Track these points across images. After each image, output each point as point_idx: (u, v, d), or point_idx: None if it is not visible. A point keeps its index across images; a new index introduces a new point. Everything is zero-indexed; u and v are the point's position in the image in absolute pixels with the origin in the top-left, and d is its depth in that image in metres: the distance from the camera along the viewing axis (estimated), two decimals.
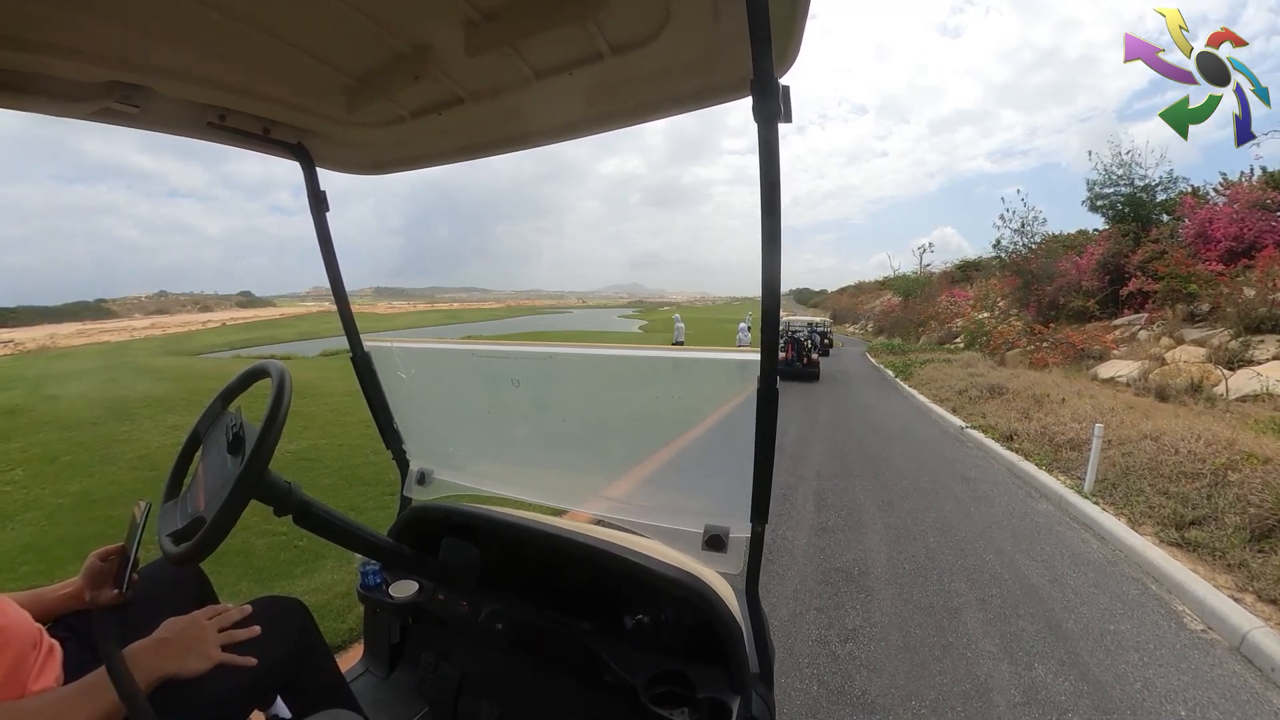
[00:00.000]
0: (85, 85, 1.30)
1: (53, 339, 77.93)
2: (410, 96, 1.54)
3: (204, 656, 1.29)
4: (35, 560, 4.56)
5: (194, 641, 1.29)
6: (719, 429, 1.41)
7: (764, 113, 1.03)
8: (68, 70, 1.24)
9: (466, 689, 1.96)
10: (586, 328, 70.90)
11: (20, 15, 1.07)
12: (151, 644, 1.25)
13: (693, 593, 1.55)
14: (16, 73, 1.20)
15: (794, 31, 1.13)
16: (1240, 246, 15.35)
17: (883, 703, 2.92)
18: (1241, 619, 3.59)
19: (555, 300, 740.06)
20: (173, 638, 1.27)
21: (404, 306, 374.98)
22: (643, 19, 1.20)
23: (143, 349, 45.32)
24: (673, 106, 1.50)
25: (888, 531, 5.31)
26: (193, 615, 1.33)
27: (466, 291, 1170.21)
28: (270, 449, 1.24)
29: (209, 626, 1.33)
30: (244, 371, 1.55)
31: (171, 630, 1.28)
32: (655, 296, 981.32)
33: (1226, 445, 6.40)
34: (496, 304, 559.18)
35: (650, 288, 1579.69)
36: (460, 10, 1.18)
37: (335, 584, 3.91)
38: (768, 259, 1.11)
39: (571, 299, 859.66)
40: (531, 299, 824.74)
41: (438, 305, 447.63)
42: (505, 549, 1.94)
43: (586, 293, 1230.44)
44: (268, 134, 1.70)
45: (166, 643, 1.26)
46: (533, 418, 2.05)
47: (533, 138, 1.75)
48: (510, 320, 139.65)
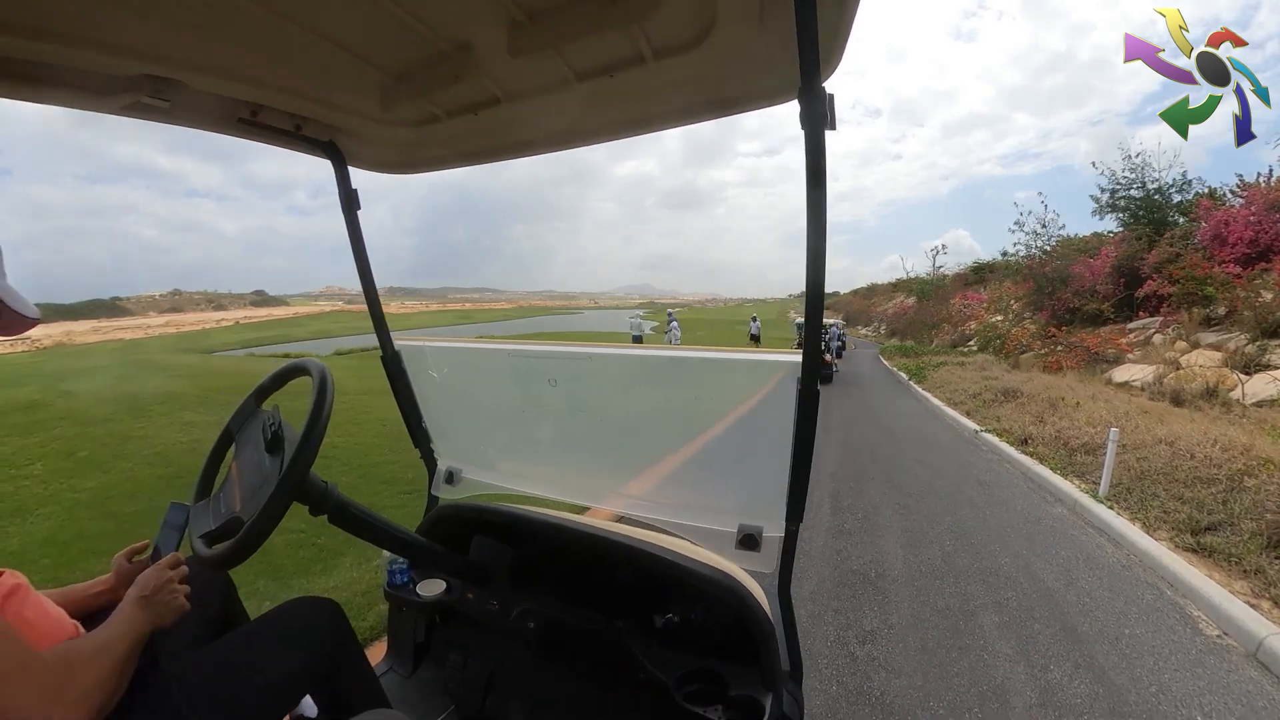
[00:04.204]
0: (116, 79, 1.29)
1: (69, 336, 78.49)
2: (447, 96, 1.54)
3: (176, 608, 1.33)
4: (55, 554, 4.63)
5: (168, 594, 1.32)
6: (753, 429, 1.41)
7: (811, 120, 1.03)
8: (98, 63, 1.23)
9: (495, 687, 1.95)
10: (597, 328, 70.84)
11: (51, 7, 1.07)
12: (136, 602, 1.27)
13: (727, 591, 1.54)
14: (47, 65, 1.20)
15: (839, 38, 1.12)
16: (1257, 249, 15.16)
17: (901, 703, 2.93)
18: (1258, 625, 3.57)
19: (566, 301, 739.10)
20: (151, 595, 1.29)
21: (416, 306, 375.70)
22: (689, 24, 1.19)
23: (157, 346, 45.51)
24: (712, 111, 1.49)
25: (903, 534, 5.30)
26: (158, 568, 1.34)
27: (478, 292, 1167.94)
28: (314, 449, 1.25)
29: (174, 577, 1.34)
30: (279, 369, 1.55)
31: (146, 587, 1.29)
32: (667, 297, 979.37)
33: (1243, 450, 6.36)
34: (508, 304, 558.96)
35: (662, 289, 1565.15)
36: (506, 10, 1.18)
37: (354, 582, 3.93)
38: (813, 266, 1.11)
39: (583, 300, 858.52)
40: (543, 299, 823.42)
41: (449, 305, 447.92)
42: (536, 547, 1.94)
43: (598, 293, 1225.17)
44: (299, 131, 1.69)
45: (145, 600, 1.28)
46: (567, 417, 2.05)
47: (568, 139, 1.74)
48: (520, 321, 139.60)
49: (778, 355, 1.36)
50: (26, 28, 1.08)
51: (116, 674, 1.16)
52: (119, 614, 1.25)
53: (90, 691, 1.10)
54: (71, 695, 1.06)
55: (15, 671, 1.00)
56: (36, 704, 1.01)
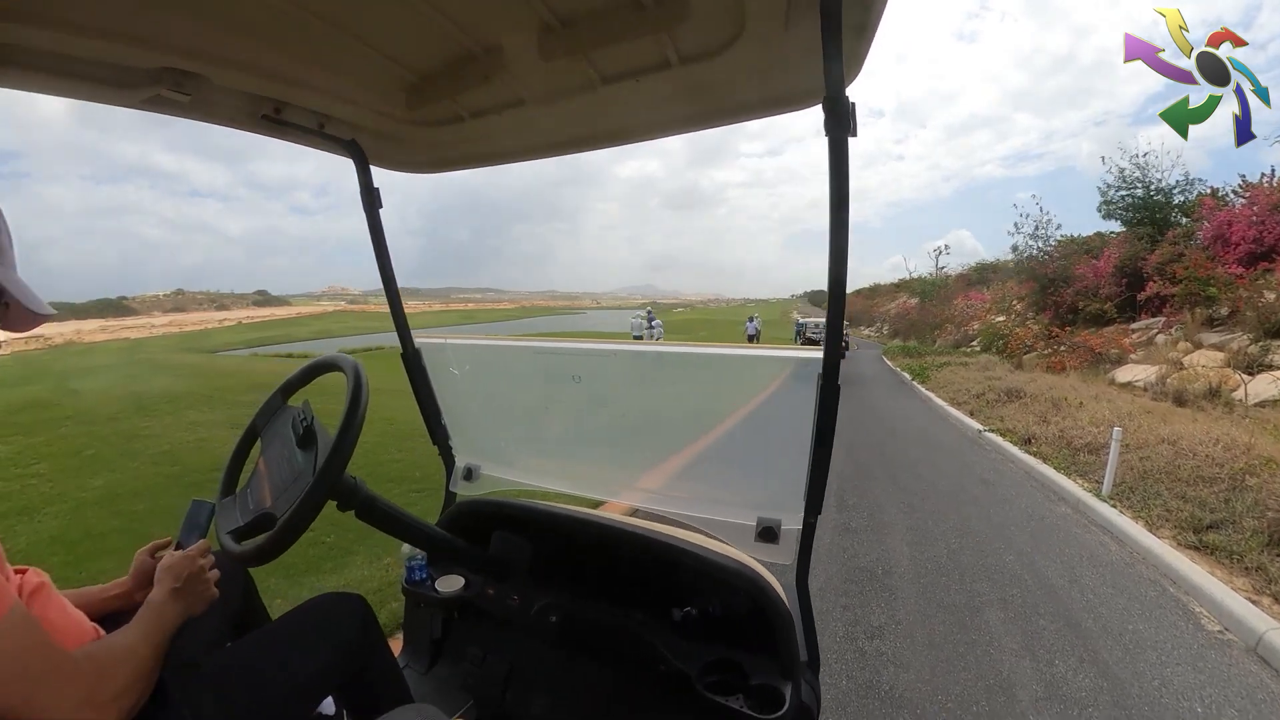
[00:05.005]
0: (137, 71, 1.26)
1: (79, 334, 78.51)
2: (472, 96, 1.53)
3: (208, 597, 1.32)
4: (64, 552, 4.64)
5: (199, 584, 1.30)
6: (771, 424, 1.44)
7: (835, 128, 1.04)
8: (120, 55, 1.21)
9: (515, 682, 1.94)
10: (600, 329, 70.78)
11: None
12: (168, 594, 1.25)
13: (748, 582, 1.55)
14: (67, 57, 1.18)
15: (864, 45, 1.13)
16: (1260, 249, 15.18)
17: (910, 697, 2.96)
18: (1259, 621, 3.60)
19: (569, 301, 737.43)
20: (183, 586, 1.27)
21: (420, 306, 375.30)
22: (717, 31, 1.20)
23: (160, 346, 45.47)
24: (734, 116, 1.50)
25: (909, 532, 5.33)
26: (188, 555, 1.32)
27: (481, 292, 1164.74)
28: (352, 445, 1.25)
29: (205, 566, 1.33)
30: (308, 365, 1.56)
31: (179, 577, 1.27)
32: (670, 297, 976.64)
33: (1245, 450, 6.38)
34: (511, 304, 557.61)
35: (665, 289, 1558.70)
36: (537, 14, 1.18)
37: (366, 579, 3.95)
38: (835, 268, 1.13)
39: (586, 300, 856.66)
40: (546, 299, 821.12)
41: (452, 305, 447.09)
42: (556, 542, 1.94)
43: (601, 294, 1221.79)
44: (322, 129, 1.67)
45: (179, 591, 1.26)
46: (585, 413, 2.04)
47: (588, 141, 1.74)
48: (524, 320, 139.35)
49: (795, 352, 1.38)
50: (47, 19, 1.07)
51: (147, 673, 1.13)
52: (148, 609, 1.21)
53: (123, 693, 1.06)
54: (103, 697, 1.03)
55: (48, 673, 0.96)
56: (69, 707, 0.97)
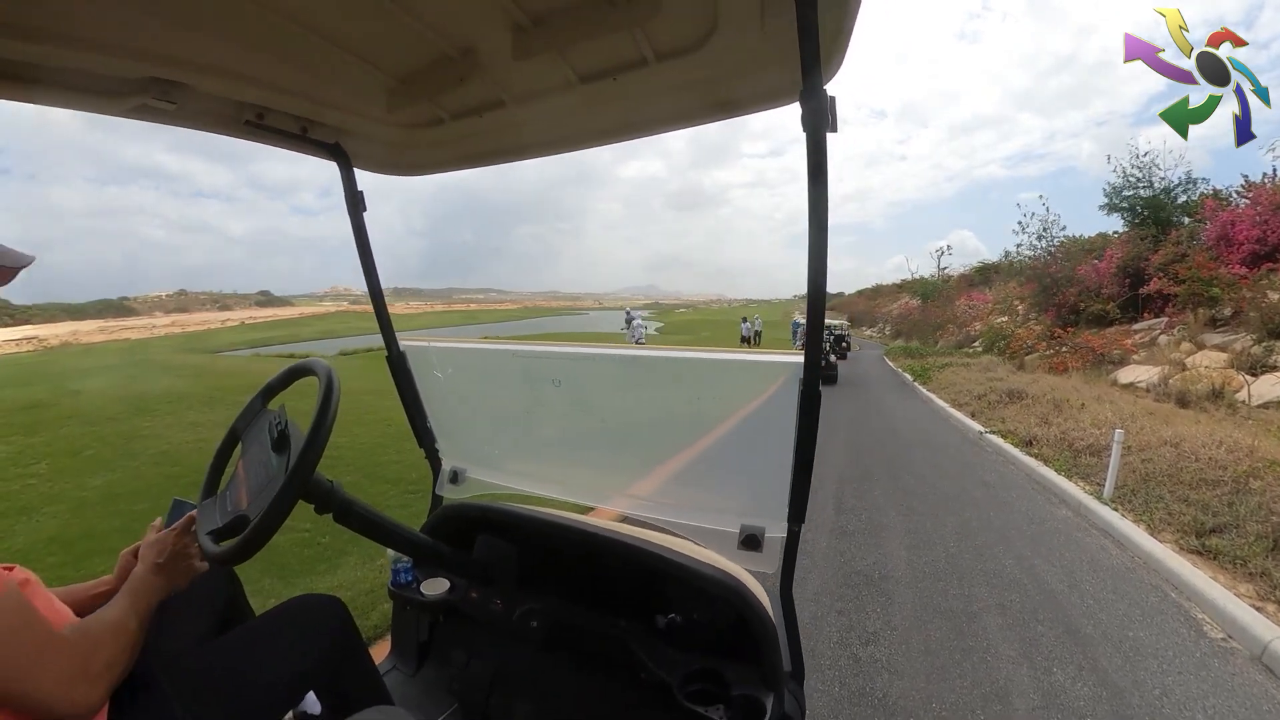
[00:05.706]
0: (123, 81, 1.29)
1: (75, 335, 78.77)
2: (451, 98, 1.55)
3: (191, 571, 1.38)
4: (61, 552, 4.64)
5: (182, 560, 1.36)
6: (755, 430, 1.42)
7: (812, 123, 1.03)
8: (105, 66, 1.23)
9: (498, 686, 1.95)
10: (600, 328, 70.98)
11: (57, 11, 1.07)
12: (151, 568, 1.31)
13: (731, 591, 1.55)
14: (54, 68, 1.20)
15: (841, 40, 1.13)
16: (1264, 249, 15.16)
17: (904, 705, 2.93)
18: (1263, 628, 3.55)
19: (572, 301, 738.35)
20: (165, 561, 1.33)
21: (422, 306, 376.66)
22: (691, 27, 1.20)
23: (162, 346, 45.65)
24: (715, 113, 1.50)
25: (907, 536, 5.29)
26: (171, 531, 1.39)
27: (483, 292, 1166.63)
28: (320, 448, 1.25)
29: (187, 543, 1.38)
30: (287, 369, 1.56)
31: (162, 553, 1.34)
32: (672, 298, 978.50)
33: (1248, 452, 6.35)
34: (513, 304, 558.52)
35: (667, 290, 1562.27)
36: (509, 15, 1.19)
37: (358, 581, 3.94)
38: (814, 268, 1.12)
39: (588, 300, 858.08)
40: (548, 300, 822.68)
41: (454, 306, 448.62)
42: (540, 547, 1.94)
43: (603, 294, 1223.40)
44: (305, 134, 1.69)
45: (161, 566, 1.32)
46: (571, 417, 2.05)
47: (572, 141, 1.75)
48: (525, 321, 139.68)
49: (780, 356, 1.36)
50: (33, 30, 1.09)
51: (134, 644, 1.18)
52: (133, 583, 1.27)
53: (113, 664, 1.11)
54: (93, 671, 1.07)
55: (40, 649, 1.00)
56: (61, 682, 1.01)
